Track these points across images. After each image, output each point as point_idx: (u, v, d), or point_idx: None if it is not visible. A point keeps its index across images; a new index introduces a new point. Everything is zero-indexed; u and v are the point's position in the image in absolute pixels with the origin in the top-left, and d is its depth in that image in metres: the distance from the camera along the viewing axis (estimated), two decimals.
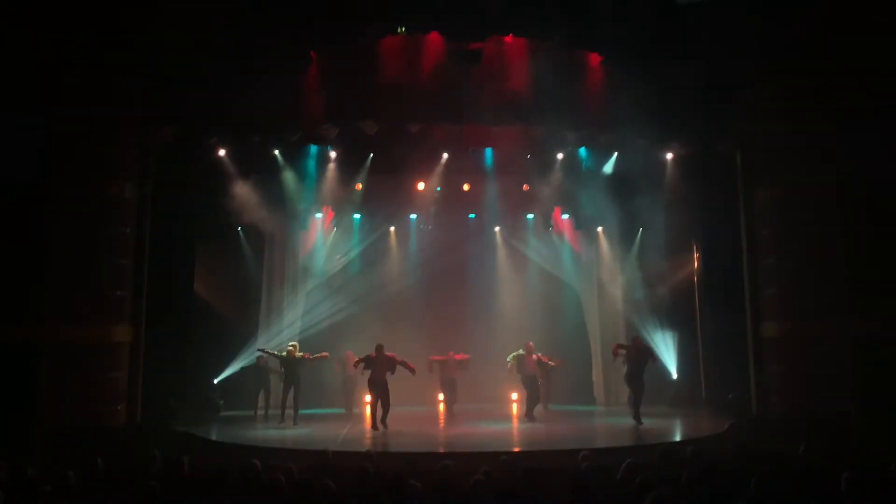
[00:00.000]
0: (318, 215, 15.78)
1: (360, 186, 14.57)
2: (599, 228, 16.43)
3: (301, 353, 13.22)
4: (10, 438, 9.70)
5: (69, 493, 6.24)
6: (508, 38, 11.64)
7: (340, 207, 15.30)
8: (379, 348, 12.26)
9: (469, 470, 7.89)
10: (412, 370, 12.39)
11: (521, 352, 13.59)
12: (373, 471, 7.76)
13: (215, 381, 14.54)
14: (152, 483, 6.52)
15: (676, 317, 15.40)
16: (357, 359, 12.77)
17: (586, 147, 13.53)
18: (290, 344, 13.51)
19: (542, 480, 7.43)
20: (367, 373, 12.21)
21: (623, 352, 12.77)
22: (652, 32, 11.16)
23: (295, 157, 13.60)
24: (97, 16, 10.52)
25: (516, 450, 10.53)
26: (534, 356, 13.57)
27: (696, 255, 15.16)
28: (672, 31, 11.14)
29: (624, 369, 12.91)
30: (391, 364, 12.20)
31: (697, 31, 11.01)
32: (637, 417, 12.31)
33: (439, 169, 14.20)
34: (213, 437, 11.39)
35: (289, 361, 13.00)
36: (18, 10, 10.24)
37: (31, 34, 10.46)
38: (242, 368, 14.60)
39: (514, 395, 14.95)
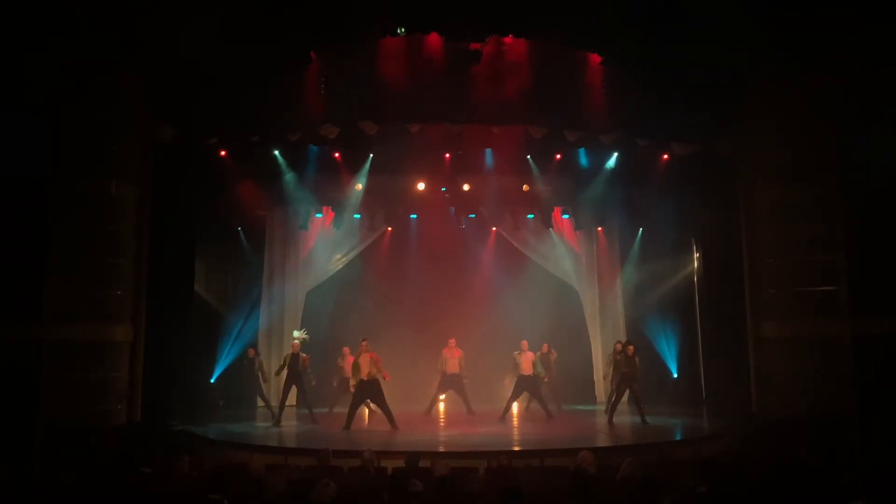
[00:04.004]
0: (319, 215, 15.79)
1: (360, 186, 14.58)
2: (599, 228, 16.45)
3: (304, 355, 13.26)
4: (10, 438, 9.70)
5: (69, 493, 6.24)
6: (508, 39, 11.62)
7: (340, 207, 15.30)
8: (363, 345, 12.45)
9: (469, 469, 7.92)
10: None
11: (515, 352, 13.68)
12: (373, 471, 7.78)
13: (211, 381, 14.57)
14: (152, 483, 6.53)
15: (676, 317, 15.42)
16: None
17: (586, 147, 13.53)
18: (296, 338, 13.50)
19: (542, 480, 7.45)
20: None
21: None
22: (652, 32, 11.16)
23: (295, 157, 13.59)
24: (98, 15, 10.52)
25: (516, 449, 10.55)
26: (529, 354, 13.62)
27: (696, 255, 15.17)
28: (672, 31, 11.13)
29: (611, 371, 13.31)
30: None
31: (698, 30, 11.00)
32: (610, 417, 12.64)
33: (439, 169, 14.20)
34: (213, 437, 11.40)
35: (293, 357, 13.06)
36: (20, 7, 10.23)
37: (32, 32, 10.46)
38: (235, 363, 14.64)
39: None
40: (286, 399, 13.23)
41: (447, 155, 13.87)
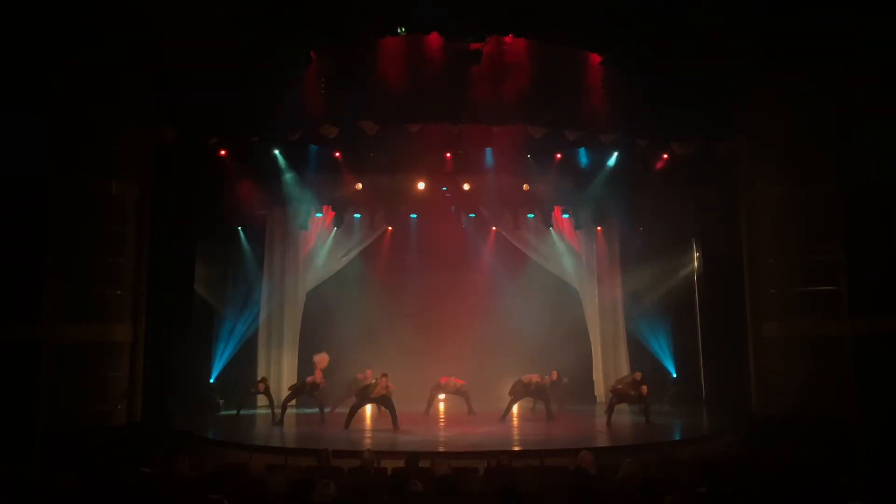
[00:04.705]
0: (319, 215, 15.78)
1: (360, 186, 14.57)
2: (599, 228, 16.45)
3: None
4: (10, 438, 9.70)
5: (69, 493, 6.24)
6: (508, 39, 11.63)
7: (340, 207, 15.29)
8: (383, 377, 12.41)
9: (469, 469, 7.92)
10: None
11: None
12: (373, 471, 7.78)
13: (211, 381, 14.57)
14: (152, 483, 6.52)
15: (676, 316, 15.42)
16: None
17: (586, 147, 13.53)
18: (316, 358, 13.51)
19: (541, 479, 7.44)
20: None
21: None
22: (652, 32, 11.16)
23: (295, 157, 13.59)
24: (99, 15, 10.52)
25: (516, 449, 10.55)
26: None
27: (696, 255, 15.17)
28: (672, 31, 11.13)
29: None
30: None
31: (698, 30, 11.00)
32: (609, 418, 12.65)
33: (439, 169, 14.20)
34: (213, 437, 11.40)
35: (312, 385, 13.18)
36: (21, 7, 10.23)
37: (33, 32, 10.46)
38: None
39: None
40: (289, 401, 13.25)
41: (448, 155, 13.86)
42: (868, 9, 10.29)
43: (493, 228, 16.46)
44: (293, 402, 13.68)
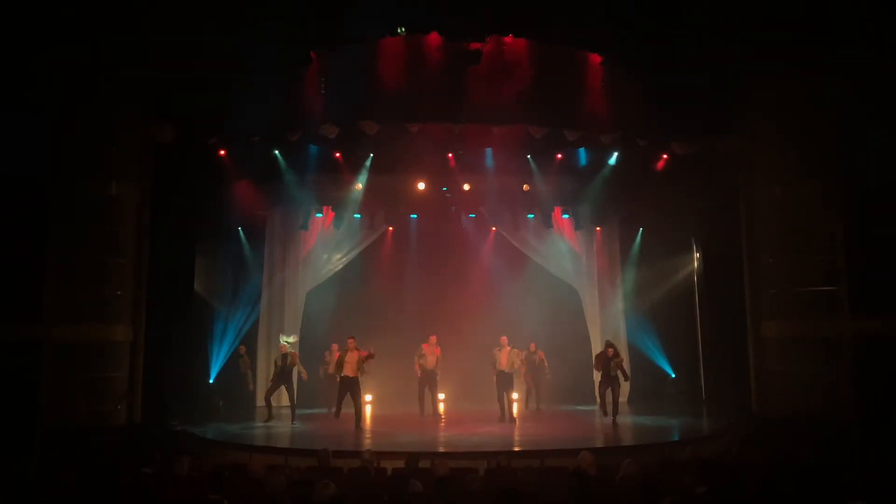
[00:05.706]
0: (319, 215, 15.79)
1: (360, 186, 14.58)
2: (599, 228, 16.45)
3: (292, 351, 13.24)
4: (11, 438, 9.71)
5: (69, 493, 6.24)
6: (508, 38, 11.64)
7: (341, 207, 15.30)
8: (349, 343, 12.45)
9: (469, 470, 7.92)
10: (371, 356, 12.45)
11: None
12: (373, 471, 7.78)
13: (210, 381, 14.57)
14: (152, 483, 6.53)
15: (676, 316, 15.41)
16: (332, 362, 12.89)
17: (586, 147, 13.53)
18: (284, 341, 13.51)
19: (541, 479, 7.45)
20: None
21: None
22: (652, 32, 11.16)
23: (295, 157, 13.59)
24: (100, 17, 10.52)
25: (516, 449, 10.55)
26: (507, 349, 13.63)
27: (696, 255, 15.16)
28: (672, 30, 11.13)
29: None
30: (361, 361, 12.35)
31: (698, 29, 11.01)
32: (613, 418, 12.57)
33: (439, 169, 14.20)
34: (213, 437, 11.40)
35: (282, 358, 13.08)
36: (23, 9, 10.24)
37: (34, 34, 10.46)
38: (229, 361, 14.74)
39: (515, 395, 14.93)
40: (271, 395, 13.18)
41: (450, 155, 13.86)
42: (871, 6, 10.28)
43: (493, 229, 16.45)
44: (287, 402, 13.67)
